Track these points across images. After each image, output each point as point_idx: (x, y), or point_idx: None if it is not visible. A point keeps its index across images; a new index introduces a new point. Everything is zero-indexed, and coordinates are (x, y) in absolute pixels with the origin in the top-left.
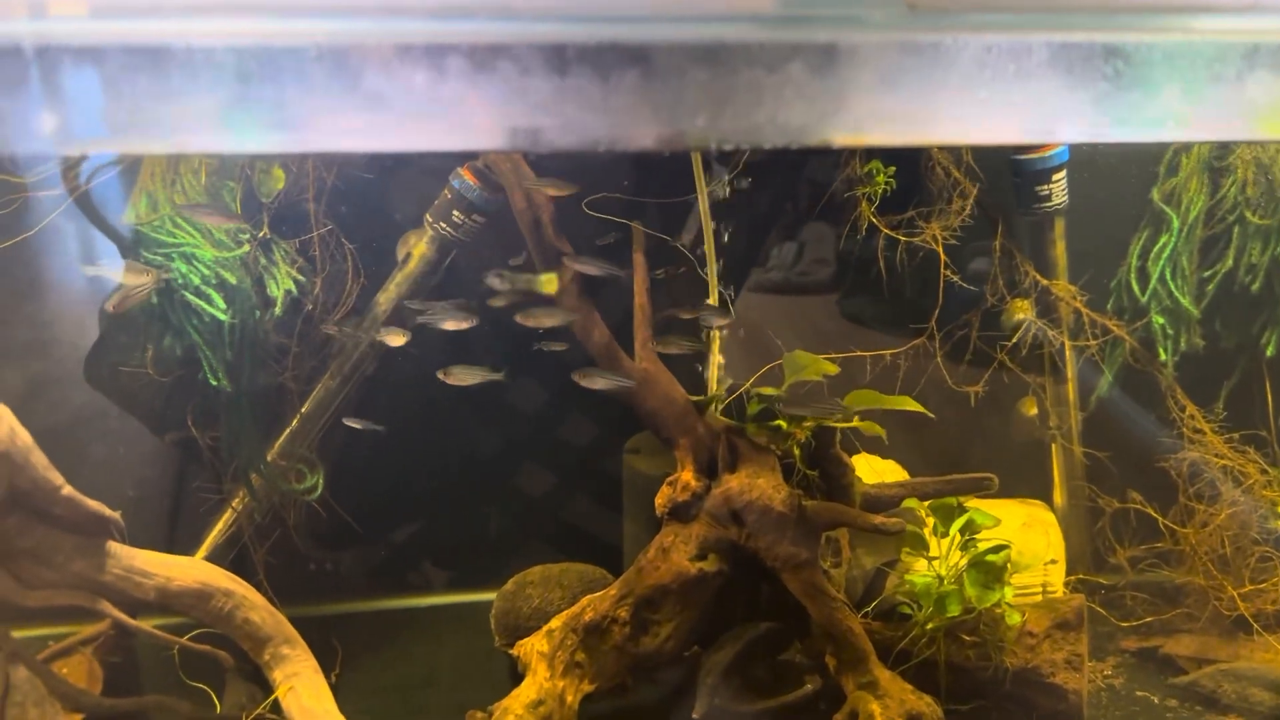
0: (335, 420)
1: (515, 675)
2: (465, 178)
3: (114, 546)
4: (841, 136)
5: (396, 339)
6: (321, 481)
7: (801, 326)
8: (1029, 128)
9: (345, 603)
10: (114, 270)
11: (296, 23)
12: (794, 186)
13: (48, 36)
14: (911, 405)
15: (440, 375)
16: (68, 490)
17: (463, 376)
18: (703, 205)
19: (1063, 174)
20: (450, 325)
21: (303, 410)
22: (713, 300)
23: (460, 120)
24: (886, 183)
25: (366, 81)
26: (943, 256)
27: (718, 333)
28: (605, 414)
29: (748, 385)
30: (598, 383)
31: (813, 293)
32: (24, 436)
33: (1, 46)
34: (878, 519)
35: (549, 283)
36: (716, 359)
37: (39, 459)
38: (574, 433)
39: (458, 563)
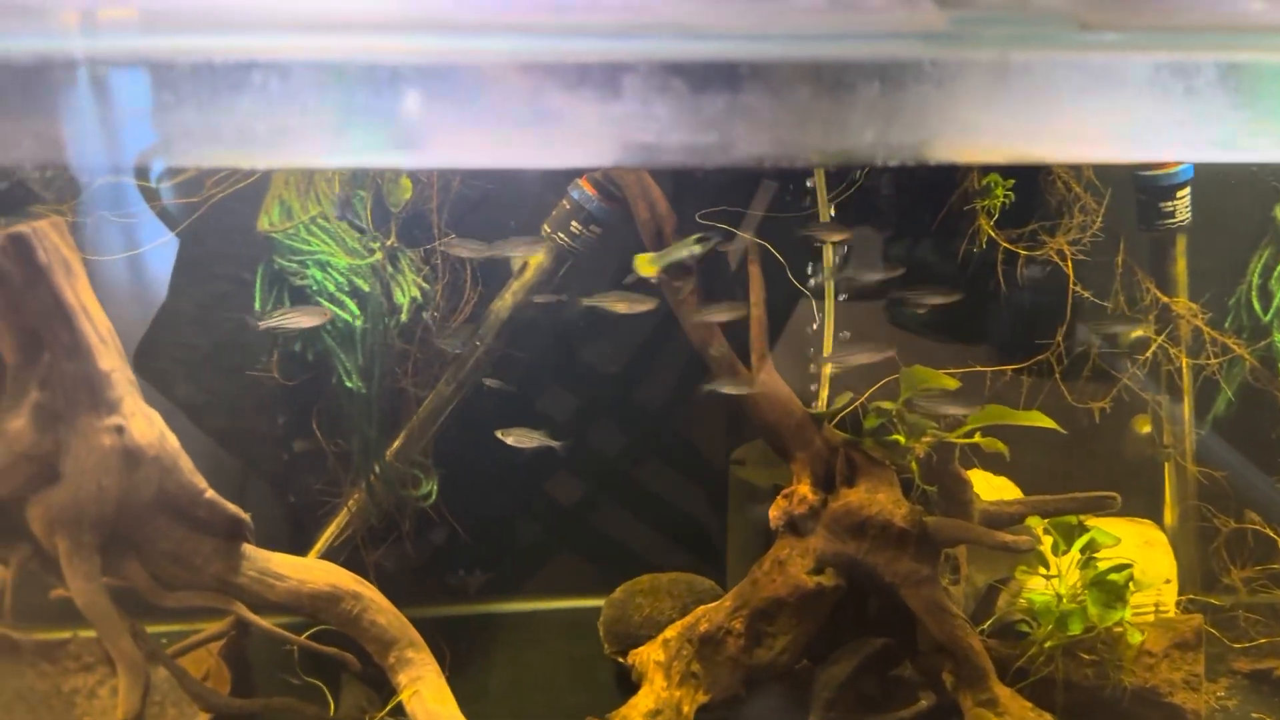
0: (448, 426)
1: (622, 682)
2: (584, 188)
3: (249, 549)
4: (1009, 152)
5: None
6: (436, 488)
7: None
8: (1196, 146)
9: (449, 606)
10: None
11: (454, 42)
12: (910, 201)
13: (169, 52)
14: (1043, 421)
15: (499, 434)
16: (210, 493)
17: (522, 439)
18: (824, 217)
19: (1187, 191)
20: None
21: (418, 414)
22: (829, 313)
23: (630, 138)
24: (1005, 196)
25: (545, 100)
26: (1071, 272)
27: (829, 347)
28: (710, 425)
29: (863, 399)
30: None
31: (859, 299)
32: (172, 440)
33: (146, 60)
34: (1007, 536)
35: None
36: (828, 372)
37: (185, 463)
38: (678, 443)
39: (560, 569)
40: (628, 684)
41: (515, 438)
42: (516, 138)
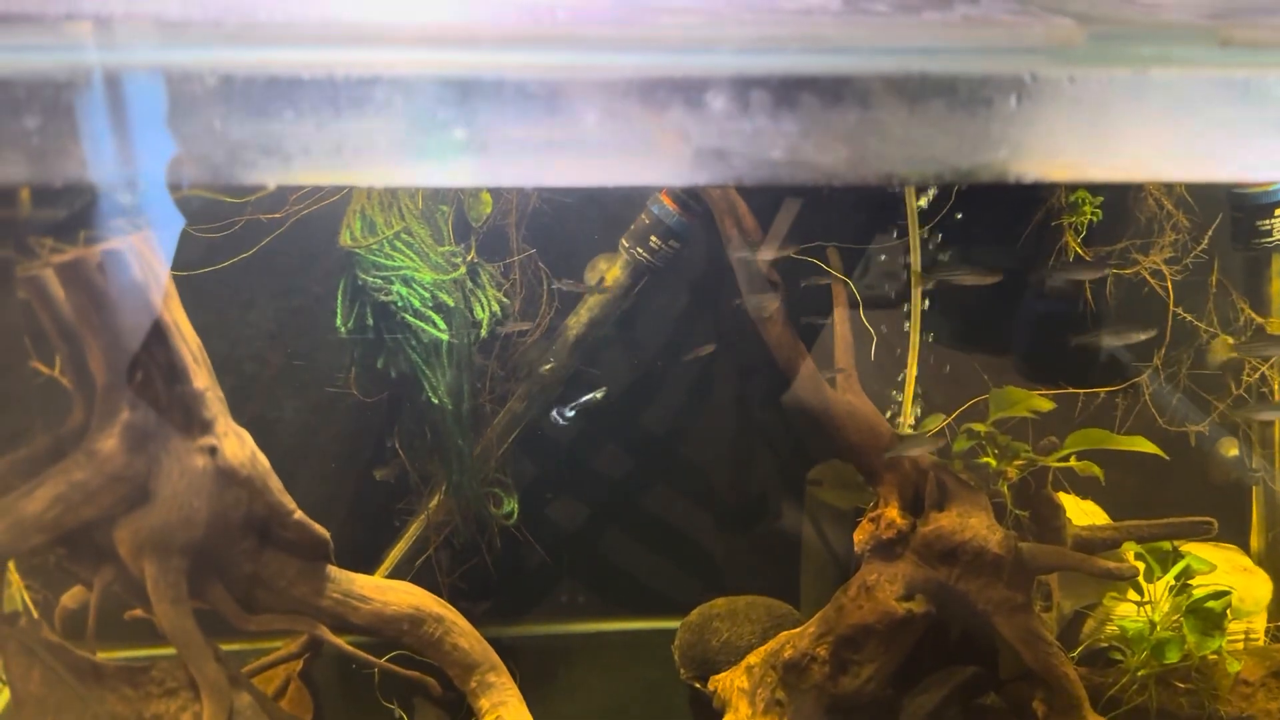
0: (519, 444)
1: (698, 708)
2: (664, 203)
3: (333, 571)
4: (1146, 171)
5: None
6: (517, 507)
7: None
8: None
9: (518, 626)
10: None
11: (578, 57)
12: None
13: (247, 66)
14: (1146, 446)
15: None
16: (299, 515)
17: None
18: (913, 235)
19: None
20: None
21: (492, 428)
22: (914, 334)
23: (757, 153)
24: (1093, 213)
25: (670, 113)
26: (1171, 292)
27: (914, 366)
28: (786, 444)
29: (950, 419)
30: None
31: (878, 307)
32: (263, 461)
33: (211, 73)
34: (1109, 563)
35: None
36: (912, 393)
37: (275, 483)
38: (754, 463)
39: (632, 590)
40: (703, 709)
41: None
42: (625, 156)
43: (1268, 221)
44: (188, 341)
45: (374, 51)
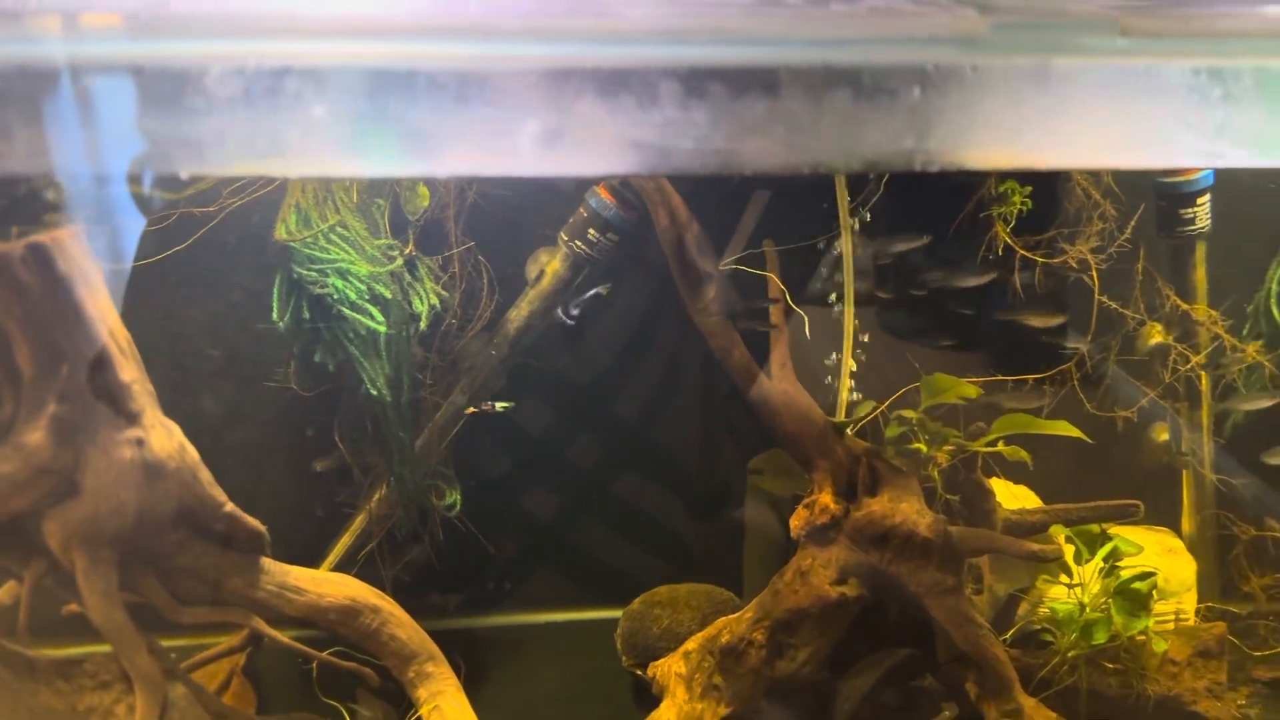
0: (461, 436)
1: (639, 695)
2: (602, 196)
3: (267, 563)
4: (1050, 159)
5: None
6: (460, 498)
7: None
8: (1232, 152)
9: (461, 618)
10: None
11: (492, 48)
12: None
13: (180, 58)
14: (1069, 430)
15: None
16: (230, 507)
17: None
18: (845, 226)
19: (1207, 197)
20: None
21: (434, 422)
22: (848, 325)
23: (669, 145)
24: (1022, 203)
25: (580, 106)
26: (1096, 281)
27: (849, 355)
28: (726, 434)
29: (883, 406)
30: None
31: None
32: (192, 453)
33: (152, 68)
34: (1034, 545)
35: None
36: (848, 381)
37: (205, 475)
38: (694, 452)
39: (574, 580)
40: (645, 697)
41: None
42: (541, 146)
43: (1190, 210)
44: (115, 334)
45: (286, 43)
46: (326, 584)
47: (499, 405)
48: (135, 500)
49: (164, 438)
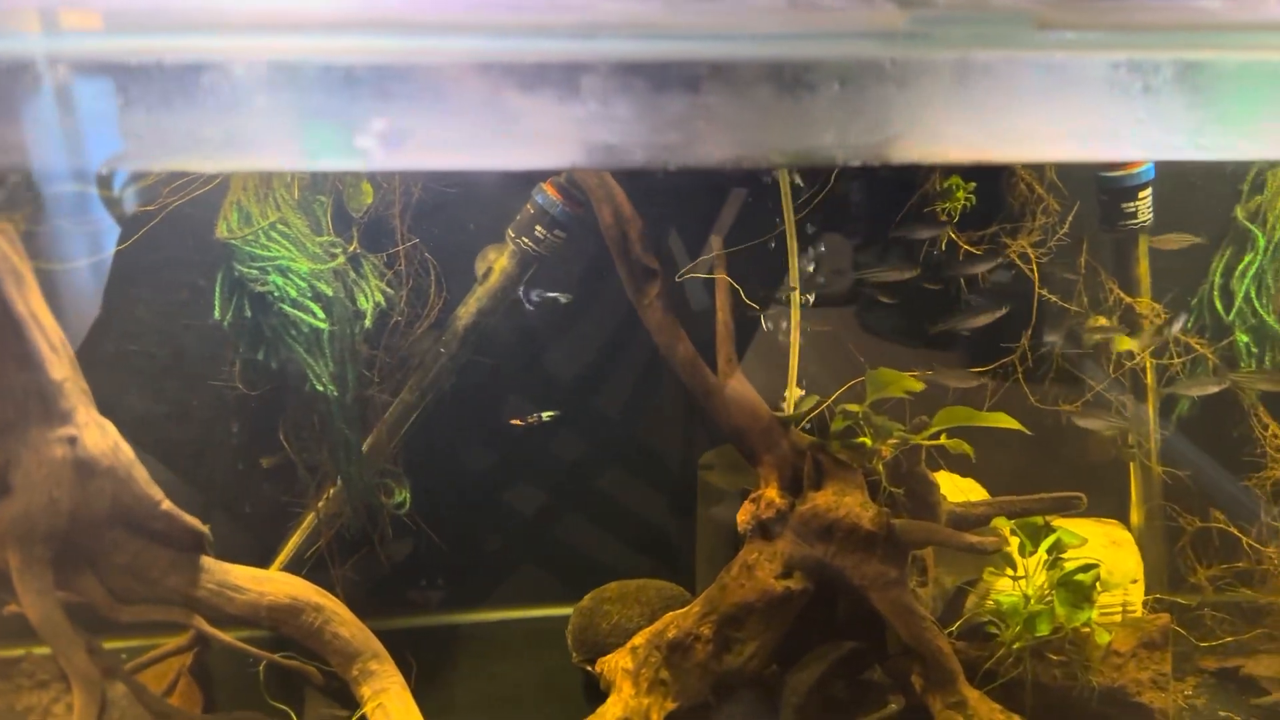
0: (412, 434)
1: (590, 691)
2: (548, 193)
3: (207, 561)
4: (971, 153)
5: None
6: (409, 496)
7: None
8: (1154, 145)
9: (415, 617)
10: None
11: (412, 41)
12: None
13: (121, 53)
14: (1008, 422)
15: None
16: (166, 505)
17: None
18: (789, 223)
19: (1148, 191)
20: None
21: (383, 421)
22: (794, 316)
23: (591, 139)
24: (966, 198)
25: (506, 100)
26: (1036, 276)
27: (795, 349)
28: (677, 430)
29: (830, 401)
30: None
31: (830, 305)
32: (127, 451)
33: (96, 63)
34: (973, 538)
35: None
36: (795, 375)
37: (140, 473)
38: (646, 448)
39: (527, 578)
40: (596, 693)
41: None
42: (475, 139)
43: (1132, 204)
44: (46, 332)
45: (203, 38)
46: (268, 582)
47: (545, 415)
48: (68, 498)
49: (97, 436)
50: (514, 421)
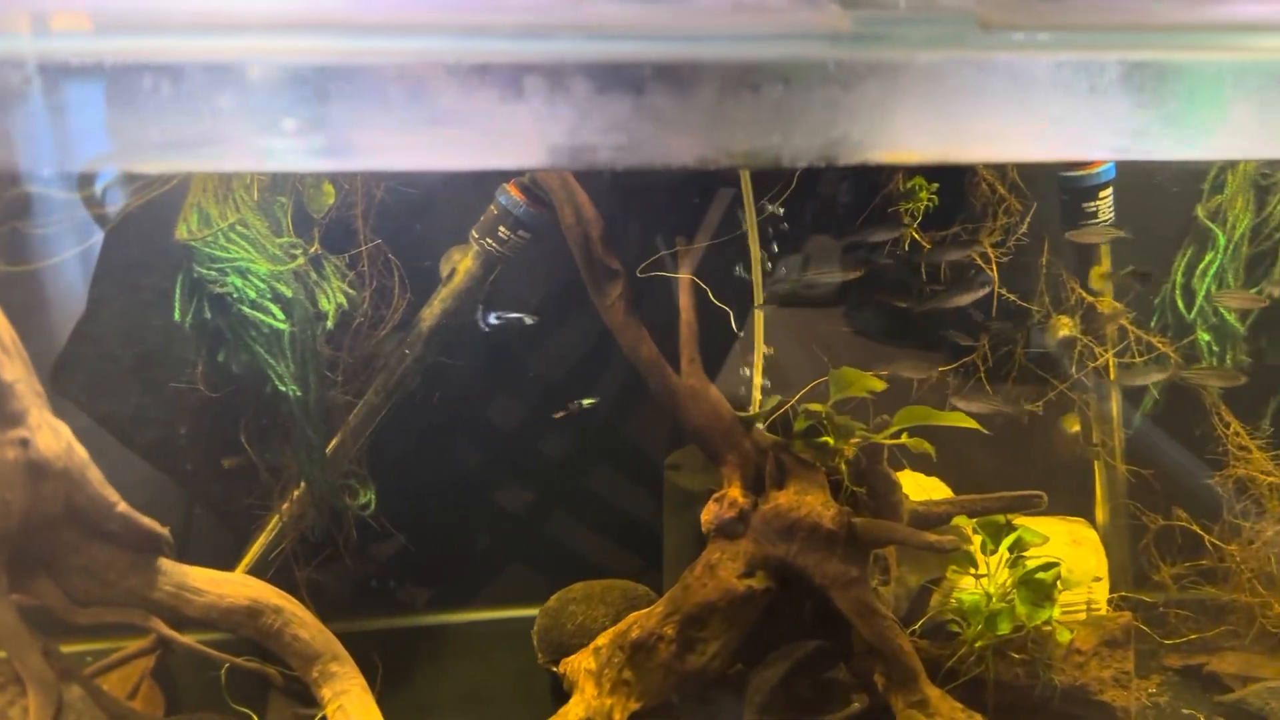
0: (378, 436)
1: (557, 692)
2: (511, 194)
3: (165, 563)
4: (916, 154)
5: None
6: (374, 497)
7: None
8: (1101, 145)
9: (384, 619)
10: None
11: (355, 42)
12: (835, 202)
13: (89, 54)
14: (965, 421)
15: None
16: (123, 507)
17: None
18: (750, 223)
19: (1109, 191)
20: None
21: (348, 423)
22: (758, 316)
23: (536, 139)
24: (929, 199)
25: (442, 101)
26: (996, 275)
27: (759, 350)
28: (645, 430)
29: (793, 401)
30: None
31: (818, 305)
32: (80, 453)
33: (43, 64)
34: (931, 537)
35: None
36: (759, 376)
37: (95, 475)
38: (614, 449)
39: (497, 579)
40: (563, 694)
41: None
42: (422, 140)
43: (1093, 204)
44: None
45: (143, 39)
46: (226, 584)
47: (585, 402)
48: (20, 500)
49: (50, 438)
50: (556, 415)
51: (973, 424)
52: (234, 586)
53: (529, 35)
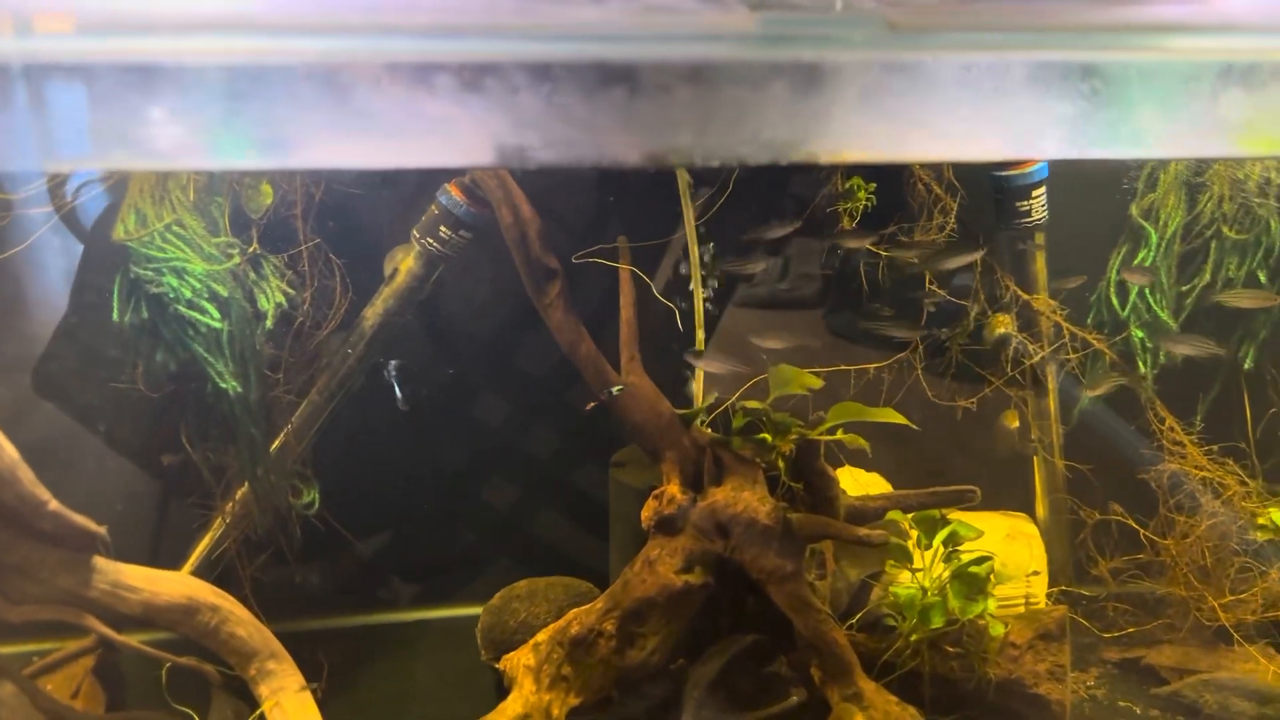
0: (322, 435)
1: (501, 690)
2: (452, 194)
3: (100, 561)
4: (825, 154)
5: None
6: (318, 496)
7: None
8: (1009, 145)
9: (330, 618)
10: None
11: (285, 40)
12: (776, 203)
13: (33, 54)
14: (895, 417)
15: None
16: (54, 505)
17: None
18: (689, 221)
19: (1042, 190)
20: None
21: (290, 423)
22: (698, 316)
23: (448, 137)
24: (868, 199)
25: (356, 99)
26: (928, 274)
27: (703, 347)
28: (590, 428)
29: (733, 400)
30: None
31: (798, 308)
32: (10, 451)
33: None
34: (861, 531)
35: None
36: (701, 373)
37: (25, 474)
38: (559, 447)
39: (443, 577)
40: (506, 692)
41: None
42: (328, 138)
43: (1026, 202)
44: None
45: (55, 41)
46: (162, 582)
47: (614, 390)
48: None
49: None
50: (588, 406)
51: (902, 420)
52: (169, 584)
53: (439, 34)
